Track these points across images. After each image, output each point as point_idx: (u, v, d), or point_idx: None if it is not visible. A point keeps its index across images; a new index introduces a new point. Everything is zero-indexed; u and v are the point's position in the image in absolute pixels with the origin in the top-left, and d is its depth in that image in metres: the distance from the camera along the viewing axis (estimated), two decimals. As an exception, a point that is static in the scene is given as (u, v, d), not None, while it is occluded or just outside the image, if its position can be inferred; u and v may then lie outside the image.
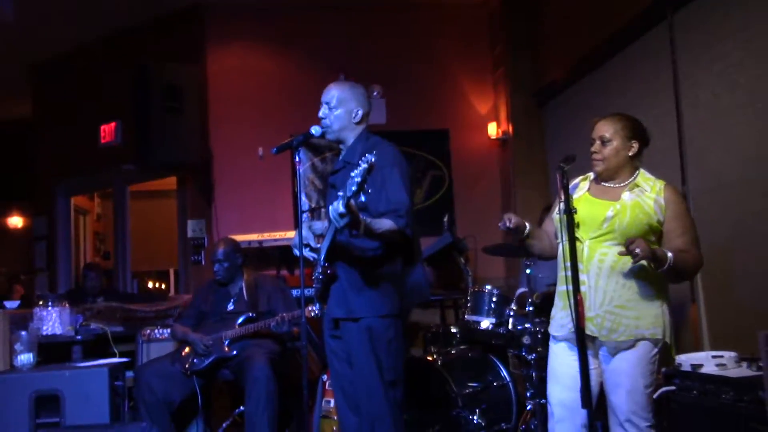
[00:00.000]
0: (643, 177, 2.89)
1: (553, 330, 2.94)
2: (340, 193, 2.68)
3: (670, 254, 2.67)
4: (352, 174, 2.64)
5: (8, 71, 8.47)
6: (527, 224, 2.98)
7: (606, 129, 2.87)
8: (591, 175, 3.00)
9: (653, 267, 2.67)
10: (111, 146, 7.63)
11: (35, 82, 8.71)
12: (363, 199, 2.66)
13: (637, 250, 2.59)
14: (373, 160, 2.62)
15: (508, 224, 2.93)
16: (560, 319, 2.88)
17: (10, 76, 8.60)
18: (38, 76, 8.64)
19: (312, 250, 3.06)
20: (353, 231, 2.82)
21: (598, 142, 2.88)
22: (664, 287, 2.84)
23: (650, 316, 2.76)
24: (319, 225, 3.19)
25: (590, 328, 2.76)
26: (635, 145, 2.88)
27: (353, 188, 2.61)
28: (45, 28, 7.40)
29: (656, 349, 2.78)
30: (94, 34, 7.60)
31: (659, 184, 2.85)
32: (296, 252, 3.11)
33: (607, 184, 2.92)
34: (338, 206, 2.65)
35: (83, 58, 7.96)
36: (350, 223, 2.72)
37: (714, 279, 4.17)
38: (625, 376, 2.76)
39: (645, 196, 2.82)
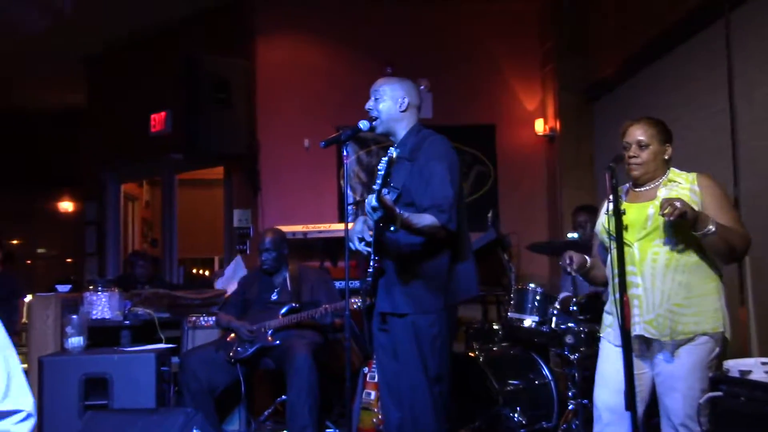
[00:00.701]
0: (675, 173, 2.88)
1: (612, 338, 2.90)
2: (374, 187, 2.70)
3: (713, 221, 2.63)
4: (378, 168, 2.67)
5: (64, 61, 8.69)
6: (587, 258, 2.98)
7: (642, 133, 2.84)
8: (624, 187, 2.97)
9: (694, 228, 2.62)
10: (160, 135, 7.77)
11: (89, 72, 8.93)
12: (386, 192, 2.67)
13: (677, 203, 2.54)
14: (394, 154, 2.65)
15: (570, 265, 2.94)
16: (618, 327, 2.84)
17: (66, 66, 8.83)
18: (92, 66, 8.86)
19: (367, 244, 3.06)
20: (390, 226, 2.81)
21: (635, 146, 2.84)
22: (720, 282, 2.81)
23: (710, 311, 2.74)
24: None
25: (650, 331, 2.73)
26: (669, 149, 2.87)
27: (379, 182, 2.64)
28: (99, 20, 7.57)
29: (717, 349, 2.74)
30: (146, 26, 7.75)
31: (692, 175, 2.84)
32: (351, 245, 3.10)
33: (640, 189, 2.90)
34: (371, 199, 2.68)
35: (135, 49, 8.12)
36: (384, 216, 2.72)
37: (765, 282, 4.08)
38: (682, 381, 2.72)
39: (680, 188, 2.80)
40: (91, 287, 4.97)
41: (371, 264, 3.08)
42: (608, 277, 2.90)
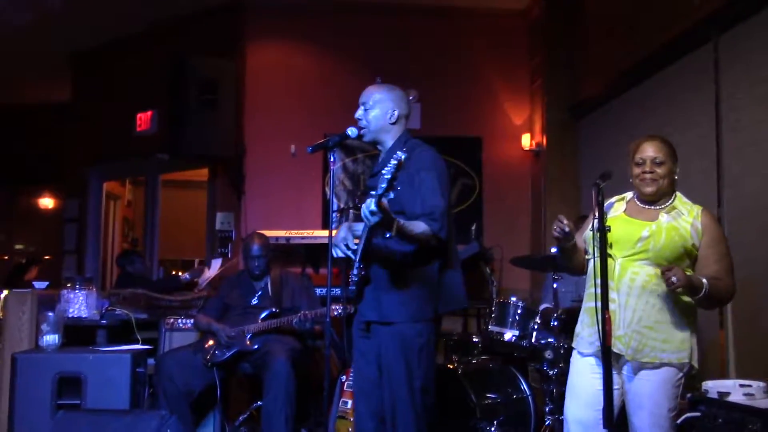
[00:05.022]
0: (681, 201, 2.87)
1: (580, 347, 2.90)
2: (372, 192, 2.69)
3: (705, 281, 2.64)
4: (383, 171, 2.65)
5: (50, 57, 8.61)
6: (575, 237, 2.93)
7: (658, 150, 2.83)
8: (628, 195, 2.96)
9: (688, 295, 2.64)
10: (146, 135, 7.72)
11: (76, 68, 8.85)
12: (392, 196, 2.66)
13: (674, 279, 2.56)
14: (403, 157, 2.63)
15: (564, 227, 2.78)
16: (588, 336, 2.84)
17: (52, 62, 8.75)
18: (79, 63, 8.78)
19: (351, 250, 3.04)
20: (386, 232, 2.80)
21: (650, 162, 2.82)
22: (694, 311, 2.81)
23: (677, 341, 2.73)
24: (360, 226, 3.15)
25: (618, 347, 2.73)
26: (677, 169, 2.87)
27: (383, 185, 2.63)
28: (88, 17, 7.51)
29: (682, 373, 2.74)
30: (135, 25, 7.69)
31: (696, 209, 2.82)
32: (335, 252, 3.07)
33: (645, 205, 2.87)
34: (370, 204, 2.66)
35: (124, 48, 8.07)
36: (381, 222, 2.71)
37: (745, 306, 4.10)
38: (649, 399, 2.72)
39: (682, 219, 2.79)
40: (68, 285, 4.90)
41: (354, 272, 3.06)
42: (584, 287, 2.91)
